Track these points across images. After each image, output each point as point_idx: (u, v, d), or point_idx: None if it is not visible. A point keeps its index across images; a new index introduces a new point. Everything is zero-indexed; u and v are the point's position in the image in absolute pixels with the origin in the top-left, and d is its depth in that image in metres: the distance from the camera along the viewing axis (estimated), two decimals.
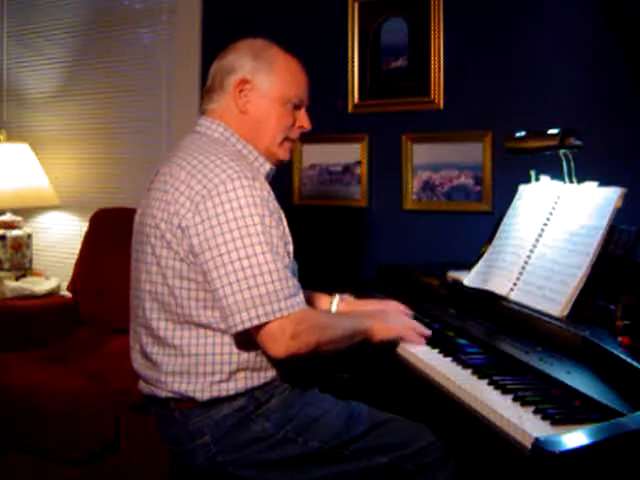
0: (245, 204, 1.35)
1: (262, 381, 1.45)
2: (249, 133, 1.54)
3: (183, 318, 1.42)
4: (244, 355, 1.42)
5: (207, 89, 1.59)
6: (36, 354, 2.60)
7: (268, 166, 1.56)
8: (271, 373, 1.46)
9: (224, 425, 1.42)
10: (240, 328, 1.33)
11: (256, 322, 1.32)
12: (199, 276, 1.38)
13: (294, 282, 1.38)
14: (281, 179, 2.73)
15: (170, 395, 1.45)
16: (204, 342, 1.42)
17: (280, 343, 1.33)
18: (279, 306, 1.32)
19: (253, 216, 1.34)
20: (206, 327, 1.41)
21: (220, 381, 1.42)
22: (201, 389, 1.42)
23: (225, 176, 1.37)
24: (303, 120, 1.61)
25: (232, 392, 1.42)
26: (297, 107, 1.59)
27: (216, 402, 1.42)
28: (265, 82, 1.53)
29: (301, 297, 1.38)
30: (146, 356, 1.49)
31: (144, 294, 1.47)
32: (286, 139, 1.59)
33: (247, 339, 1.40)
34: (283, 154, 1.59)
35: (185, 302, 1.41)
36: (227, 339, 1.42)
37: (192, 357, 1.42)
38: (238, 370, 1.42)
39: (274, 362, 1.46)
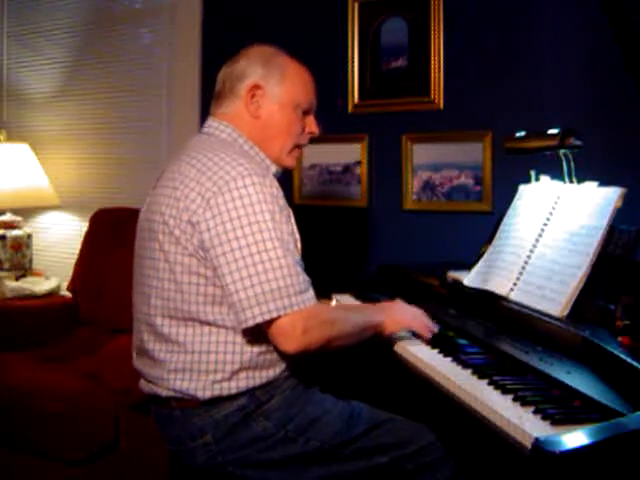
0: (256, 200, 1.36)
1: (264, 380, 1.45)
2: (260, 138, 1.56)
3: (188, 315, 1.42)
4: (247, 354, 1.43)
5: (216, 94, 1.61)
6: (36, 354, 2.60)
7: (274, 168, 1.58)
8: (273, 372, 1.47)
9: (225, 424, 1.43)
10: (251, 323, 1.34)
11: (267, 317, 1.33)
12: (209, 271, 1.39)
13: (305, 278, 1.39)
14: (281, 179, 2.74)
15: (171, 394, 1.45)
16: (207, 340, 1.42)
17: (291, 338, 1.35)
18: (290, 301, 1.34)
19: (264, 212, 1.36)
20: (210, 324, 1.42)
21: (222, 380, 1.42)
22: (202, 387, 1.42)
23: (236, 173, 1.38)
24: (312, 125, 1.63)
25: (233, 391, 1.43)
26: (306, 113, 1.61)
27: (217, 401, 1.43)
28: (276, 88, 1.56)
29: (312, 293, 1.39)
30: (148, 354, 1.49)
31: (150, 290, 1.47)
32: (296, 146, 1.61)
33: (250, 338, 1.41)
34: (290, 162, 1.62)
35: (193, 297, 1.41)
36: (230, 337, 1.42)
37: (195, 354, 1.42)
38: (240, 369, 1.42)
39: (276, 361, 1.46)
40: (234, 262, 1.34)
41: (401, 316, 1.62)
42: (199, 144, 1.52)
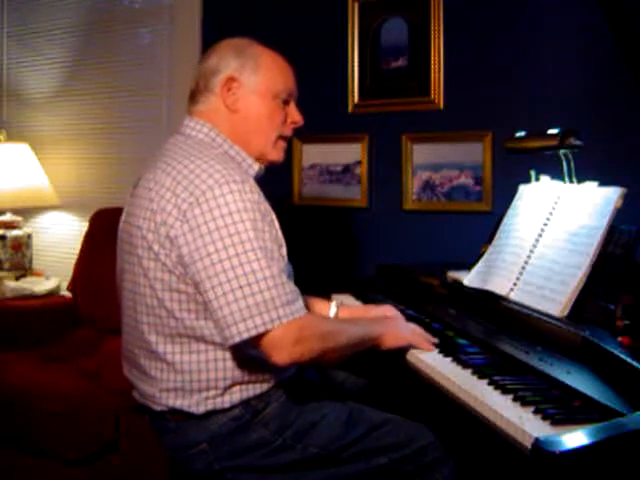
0: (235, 209, 1.29)
1: (258, 392, 1.42)
2: (241, 133, 1.50)
3: (176, 330, 1.37)
4: (238, 370, 1.39)
5: (191, 93, 1.54)
6: (36, 354, 2.60)
7: (257, 166, 1.51)
8: (267, 384, 1.43)
9: (221, 433, 1.40)
10: (238, 340, 1.27)
11: (254, 332, 1.27)
12: (189, 288, 1.33)
13: (292, 287, 1.32)
14: (281, 179, 2.75)
15: (165, 409, 1.42)
16: (196, 359, 1.38)
17: (282, 351, 1.28)
18: (278, 314, 1.27)
19: (244, 221, 1.29)
20: (198, 340, 1.37)
21: (215, 396, 1.39)
22: (196, 403, 1.39)
23: (212, 181, 1.31)
24: (294, 115, 1.56)
25: (227, 405, 1.40)
26: (286, 102, 1.54)
27: (211, 414, 1.40)
28: (252, 78, 1.49)
29: (301, 303, 1.33)
30: (139, 368, 1.46)
31: (135, 305, 1.43)
32: (280, 138, 1.54)
33: (241, 353, 1.37)
34: (277, 155, 1.55)
35: (177, 314, 1.36)
36: (220, 354, 1.38)
37: (185, 374, 1.38)
38: (233, 384, 1.39)
39: (269, 373, 1.42)
40: (215, 276, 1.27)
41: (400, 331, 1.57)
42: (175, 148, 1.46)
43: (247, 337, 1.27)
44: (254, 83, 1.50)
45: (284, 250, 1.42)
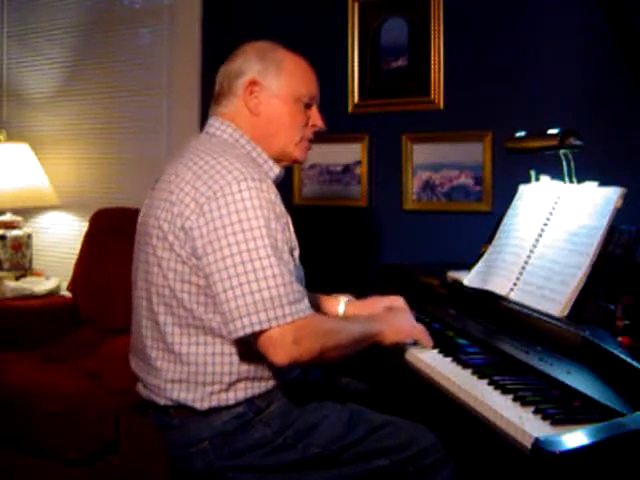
0: (250, 206, 1.31)
1: (262, 390, 1.43)
2: (262, 135, 1.52)
3: (185, 321, 1.39)
4: (244, 366, 1.40)
5: (215, 95, 1.57)
6: (36, 354, 2.60)
7: (277, 169, 1.54)
8: (272, 382, 1.43)
9: (223, 431, 1.40)
10: (241, 334, 1.28)
11: (257, 328, 1.27)
12: (201, 280, 1.35)
13: (298, 287, 1.32)
14: (281, 179, 2.74)
15: (169, 403, 1.43)
16: (203, 351, 1.39)
17: (281, 350, 1.28)
18: (283, 312, 1.28)
19: (258, 218, 1.31)
20: (206, 332, 1.38)
21: (219, 391, 1.39)
22: (200, 398, 1.39)
23: (231, 177, 1.33)
24: (316, 119, 1.58)
25: (232, 402, 1.40)
26: (308, 106, 1.56)
27: (215, 410, 1.40)
28: (274, 82, 1.51)
29: (306, 303, 1.33)
30: (146, 359, 1.47)
31: (149, 295, 1.44)
32: (302, 139, 1.56)
33: (247, 349, 1.38)
34: (300, 153, 1.57)
35: (188, 304, 1.38)
36: (227, 349, 1.39)
37: (191, 366, 1.39)
38: (238, 380, 1.40)
39: (274, 371, 1.43)
40: (225, 270, 1.29)
41: (400, 325, 1.57)
42: (200, 145, 1.48)
43: (250, 332, 1.28)
44: (276, 87, 1.52)
45: (296, 253, 1.44)
